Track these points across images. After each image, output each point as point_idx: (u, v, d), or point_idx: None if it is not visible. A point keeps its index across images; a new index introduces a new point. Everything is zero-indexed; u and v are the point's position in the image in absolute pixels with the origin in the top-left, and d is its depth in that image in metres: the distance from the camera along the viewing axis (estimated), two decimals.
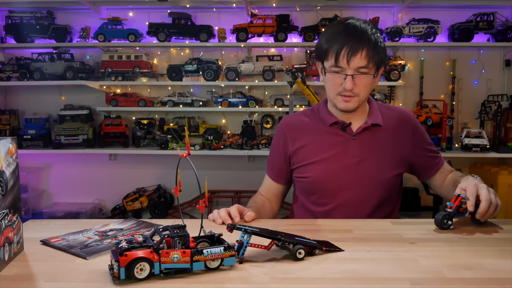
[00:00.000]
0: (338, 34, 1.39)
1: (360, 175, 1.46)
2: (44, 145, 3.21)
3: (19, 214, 1.01)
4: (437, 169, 1.57)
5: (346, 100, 1.43)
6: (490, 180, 2.99)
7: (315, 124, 1.56)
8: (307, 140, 1.54)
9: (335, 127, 1.51)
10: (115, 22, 3.21)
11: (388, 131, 1.51)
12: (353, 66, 1.37)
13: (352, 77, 1.38)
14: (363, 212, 1.47)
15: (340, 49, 1.37)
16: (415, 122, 1.57)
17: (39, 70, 3.16)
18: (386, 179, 1.48)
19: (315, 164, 1.50)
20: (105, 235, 1.16)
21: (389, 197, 1.51)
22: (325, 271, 0.92)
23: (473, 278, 0.88)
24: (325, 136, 1.52)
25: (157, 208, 3.25)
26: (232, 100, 3.22)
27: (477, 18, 3.11)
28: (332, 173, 1.48)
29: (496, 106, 3.09)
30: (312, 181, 1.51)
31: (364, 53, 1.36)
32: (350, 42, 1.36)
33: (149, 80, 3.32)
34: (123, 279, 0.84)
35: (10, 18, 3.23)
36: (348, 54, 1.36)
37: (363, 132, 1.49)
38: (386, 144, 1.50)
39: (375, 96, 3.16)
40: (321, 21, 3.16)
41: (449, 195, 1.45)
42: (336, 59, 1.38)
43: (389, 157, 1.49)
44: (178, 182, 0.93)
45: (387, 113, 1.55)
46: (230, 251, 0.91)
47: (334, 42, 1.38)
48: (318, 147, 1.51)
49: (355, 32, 1.38)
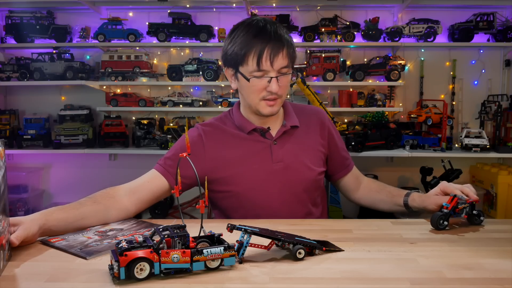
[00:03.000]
0: (254, 38, 1.32)
1: (288, 180, 1.43)
2: (44, 145, 3.21)
3: (8, 220, 0.98)
4: (348, 171, 1.59)
5: (270, 105, 1.37)
6: (490, 180, 2.99)
7: (233, 131, 1.47)
8: (228, 148, 1.44)
9: (254, 134, 1.45)
10: (115, 22, 3.21)
11: (305, 131, 1.50)
12: (276, 67, 1.33)
13: (276, 79, 1.34)
14: (299, 214, 1.44)
15: (261, 52, 1.31)
16: (330, 121, 1.58)
17: (39, 70, 3.16)
18: (312, 179, 1.47)
19: (239, 175, 1.41)
20: (105, 235, 1.16)
21: (319, 195, 1.52)
22: (325, 271, 0.92)
23: (473, 278, 0.88)
24: (245, 144, 1.44)
25: (157, 208, 3.24)
26: (232, 100, 3.22)
27: (477, 18, 3.11)
28: (259, 183, 1.41)
29: (496, 106, 3.09)
30: (237, 194, 1.41)
31: (284, 52, 1.34)
32: (271, 44, 1.31)
33: (149, 80, 3.32)
34: (123, 279, 0.84)
35: (10, 18, 3.23)
36: (271, 56, 1.32)
37: (282, 136, 1.46)
38: (306, 145, 1.49)
39: (375, 96, 3.16)
40: (321, 21, 3.15)
41: (379, 203, 1.52)
42: (258, 62, 1.32)
43: (311, 156, 1.48)
44: (178, 182, 0.93)
45: (301, 113, 1.54)
46: (230, 251, 0.91)
47: (252, 46, 1.32)
48: (240, 156, 1.42)
49: (271, 33, 1.33)
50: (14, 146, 3.19)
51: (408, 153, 2.99)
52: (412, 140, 3.07)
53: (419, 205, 1.38)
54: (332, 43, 3.16)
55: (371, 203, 1.56)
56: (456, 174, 2.80)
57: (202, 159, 1.42)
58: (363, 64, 3.17)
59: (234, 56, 1.36)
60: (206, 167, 1.41)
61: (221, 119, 1.52)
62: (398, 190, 1.49)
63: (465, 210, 1.22)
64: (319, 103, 2.85)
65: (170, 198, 3.34)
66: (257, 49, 1.32)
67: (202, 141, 1.44)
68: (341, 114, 3.34)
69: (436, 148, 3.02)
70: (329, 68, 3.10)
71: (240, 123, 1.46)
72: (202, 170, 1.39)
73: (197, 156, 1.39)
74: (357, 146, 2.93)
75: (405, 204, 1.42)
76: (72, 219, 1.18)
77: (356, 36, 3.16)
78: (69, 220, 1.17)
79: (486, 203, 3.04)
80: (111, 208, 1.28)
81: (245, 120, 1.46)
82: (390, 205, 1.48)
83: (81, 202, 1.25)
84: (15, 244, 1.00)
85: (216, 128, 1.48)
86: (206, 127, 1.48)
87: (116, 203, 1.30)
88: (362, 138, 2.97)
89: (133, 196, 1.34)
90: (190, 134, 1.47)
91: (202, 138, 1.45)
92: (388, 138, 3.05)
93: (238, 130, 1.46)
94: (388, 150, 3.05)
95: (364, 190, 1.59)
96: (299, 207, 1.45)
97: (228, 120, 1.51)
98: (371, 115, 3.13)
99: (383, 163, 3.36)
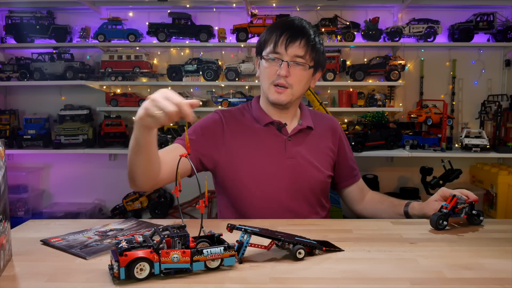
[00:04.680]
0: (278, 25, 1.43)
1: (298, 177, 1.45)
2: (44, 145, 3.21)
3: (8, 220, 0.98)
4: (354, 181, 1.62)
5: (278, 92, 1.41)
6: (490, 180, 2.99)
7: (250, 122, 1.50)
8: (244, 137, 1.47)
9: (271, 127, 1.48)
10: (115, 22, 3.21)
11: (318, 135, 1.53)
12: (290, 53, 1.37)
13: (287, 64, 1.37)
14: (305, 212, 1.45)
15: (279, 35, 1.38)
16: (342, 130, 1.61)
17: (39, 70, 3.16)
18: (320, 181, 1.49)
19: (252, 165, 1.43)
20: (105, 235, 1.16)
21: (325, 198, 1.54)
22: (325, 271, 0.92)
23: (473, 278, 0.88)
24: (261, 135, 1.47)
25: (157, 208, 3.24)
26: (232, 100, 3.22)
27: (477, 18, 3.10)
28: (270, 175, 1.43)
29: (496, 106, 3.09)
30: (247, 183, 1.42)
31: (303, 43, 1.38)
32: (290, 31, 1.39)
33: (149, 80, 3.32)
34: (123, 279, 0.84)
35: (10, 18, 3.22)
36: (287, 41, 1.37)
37: (297, 134, 1.49)
38: (317, 147, 1.51)
39: (375, 96, 3.16)
40: (321, 21, 3.15)
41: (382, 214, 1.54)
42: (275, 45, 1.39)
43: (321, 159, 1.51)
44: (178, 182, 0.93)
45: (316, 118, 1.57)
46: (230, 251, 0.91)
47: (273, 31, 1.41)
48: (255, 146, 1.46)
49: (295, 24, 1.41)
50: (14, 146, 3.19)
51: (408, 153, 2.99)
52: (412, 140, 3.07)
53: (418, 213, 1.40)
54: (332, 43, 3.16)
55: (373, 214, 1.58)
56: (456, 174, 2.80)
57: (220, 142, 1.46)
58: (363, 64, 3.17)
59: (259, 43, 1.46)
60: (222, 151, 1.45)
61: (240, 109, 1.56)
62: (399, 201, 1.52)
63: (465, 210, 1.22)
64: (319, 103, 2.85)
65: (170, 198, 3.34)
66: (277, 33, 1.39)
67: (222, 125, 1.49)
68: (341, 114, 3.34)
69: (436, 148, 3.02)
70: (329, 68, 3.10)
71: (258, 115, 1.50)
72: (218, 152, 1.45)
73: (216, 139, 1.46)
74: (357, 146, 2.93)
75: (405, 212, 1.45)
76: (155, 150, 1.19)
77: (356, 36, 3.16)
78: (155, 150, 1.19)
79: (486, 203, 3.04)
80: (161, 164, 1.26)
81: (263, 113, 1.50)
82: (391, 214, 1.50)
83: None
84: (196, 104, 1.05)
85: (236, 116, 1.53)
86: (226, 113, 1.53)
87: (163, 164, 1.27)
88: (362, 138, 2.97)
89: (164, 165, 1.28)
90: (211, 117, 1.52)
91: (222, 122, 1.49)
92: (388, 138, 3.05)
93: (255, 121, 1.50)
94: (388, 150, 3.05)
95: (368, 201, 1.62)
96: (305, 206, 1.47)
97: (246, 112, 1.55)
98: (371, 115, 3.13)
99: (383, 163, 3.37)
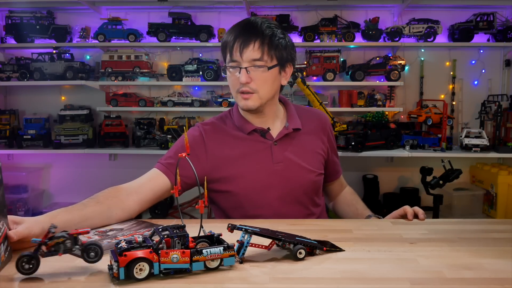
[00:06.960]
0: (233, 29, 1.38)
1: (288, 181, 1.42)
2: (44, 145, 3.21)
3: (5, 221, 0.97)
4: (337, 177, 1.63)
5: (245, 98, 1.37)
6: (490, 180, 2.99)
7: (233, 131, 1.46)
8: (228, 148, 1.43)
9: (254, 134, 1.44)
10: (115, 22, 3.21)
11: (307, 134, 1.50)
12: (246, 59, 1.33)
13: (246, 70, 1.33)
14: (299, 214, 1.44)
15: (233, 42, 1.34)
16: (331, 126, 1.60)
17: (39, 70, 3.16)
18: (312, 181, 1.47)
19: (240, 175, 1.40)
20: (105, 235, 1.16)
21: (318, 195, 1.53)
22: (325, 271, 0.92)
23: (473, 278, 0.88)
24: (246, 144, 1.43)
25: (157, 208, 3.24)
26: (232, 100, 3.22)
27: (477, 18, 3.10)
28: (260, 183, 1.41)
29: (496, 106, 3.09)
30: (238, 193, 1.41)
31: (257, 45, 1.33)
32: (242, 35, 1.33)
33: (149, 80, 3.32)
34: (123, 279, 0.84)
35: (10, 18, 3.23)
36: (241, 46, 1.32)
37: (284, 138, 1.45)
38: (307, 147, 1.49)
39: (375, 96, 3.16)
40: (321, 21, 3.15)
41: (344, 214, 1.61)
42: (231, 53, 1.34)
43: (312, 159, 1.48)
44: (178, 182, 0.93)
45: (304, 115, 1.53)
46: (229, 251, 0.91)
47: (228, 37, 1.36)
48: (240, 155, 1.42)
49: (247, 25, 1.36)
50: (14, 146, 3.19)
51: (408, 153, 2.99)
52: (412, 140, 3.07)
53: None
54: (332, 43, 3.15)
55: (339, 214, 1.64)
56: (456, 174, 2.80)
57: (203, 159, 1.41)
58: (363, 64, 3.17)
59: (221, 47, 1.40)
60: (207, 167, 1.40)
61: (222, 118, 1.51)
62: (363, 209, 1.55)
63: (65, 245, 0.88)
64: (319, 103, 2.85)
65: (170, 198, 3.34)
66: (231, 39, 1.35)
67: (203, 140, 1.43)
68: (341, 114, 3.34)
69: (436, 148, 3.02)
70: (329, 68, 3.10)
71: (240, 123, 1.45)
72: (203, 170, 1.38)
73: (199, 155, 1.40)
74: (357, 146, 2.93)
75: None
76: (76, 220, 1.16)
77: (356, 36, 3.16)
78: (74, 221, 1.15)
79: (486, 203, 3.04)
80: (114, 208, 1.26)
81: (244, 121, 1.45)
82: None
83: (85, 203, 1.23)
84: (13, 238, 0.96)
85: (217, 127, 1.48)
86: (207, 126, 1.47)
87: (120, 202, 1.28)
88: (362, 138, 2.97)
89: (135, 195, 1.32)
90: (191, 133, 1.46)
91: (203, 137, 1.44)
92: (388, 138, 3.05)
93: (238, 130, 1.46)
94: (388, 150, 3.05)
95: (339, 201, 1.66)
96: (299, 208, 1.45)
97: (228, 120, 1.50)
98: (371, 115, 3.13)
99: (383, 163, 3.36)
